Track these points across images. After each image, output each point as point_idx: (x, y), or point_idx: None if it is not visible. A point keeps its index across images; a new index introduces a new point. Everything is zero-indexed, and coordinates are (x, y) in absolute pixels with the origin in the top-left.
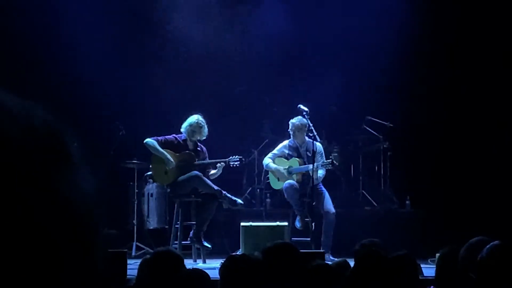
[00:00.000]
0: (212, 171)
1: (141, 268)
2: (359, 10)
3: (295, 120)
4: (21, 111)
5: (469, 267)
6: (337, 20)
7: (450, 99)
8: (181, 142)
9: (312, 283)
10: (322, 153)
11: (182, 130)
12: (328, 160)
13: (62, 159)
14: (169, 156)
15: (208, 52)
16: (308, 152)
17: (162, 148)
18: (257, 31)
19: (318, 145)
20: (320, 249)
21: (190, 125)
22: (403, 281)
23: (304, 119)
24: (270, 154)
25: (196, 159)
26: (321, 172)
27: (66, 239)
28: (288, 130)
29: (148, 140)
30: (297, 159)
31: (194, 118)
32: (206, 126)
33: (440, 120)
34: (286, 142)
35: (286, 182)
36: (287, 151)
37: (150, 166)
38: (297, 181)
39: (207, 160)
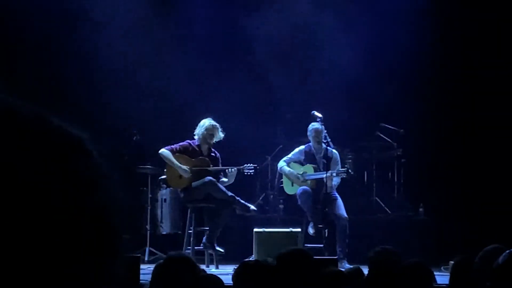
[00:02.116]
0: (224, 179)
1: (155, 273)
2: (372, 16)
3: (313, 125)
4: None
5: (484, 275)
6: (351, 27)
7: (464, 106)
8: (196, 148)
9: None
10: (338, 161)
11: (195, 135)
12: (343, 169)
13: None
14: (183, 167)
15: (225, 56)
16: (324, 159)
17: (177, 153)
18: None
19: (335, 152)
20: (333, 256)
21: (206, 129)
22: None
23: (315, 126)
24: (285, 158)
25: (211, 165)
26: (336, 180)
27: (90, 240)
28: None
29: (163, 151)
30: (312, 165)
31: (207, 121)
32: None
33: (454, 127)
34: (302, 147)
35: (300, 188)
36: (302, 157)
37: (165, 170)
38: (311, 188)
39: (221, 166)
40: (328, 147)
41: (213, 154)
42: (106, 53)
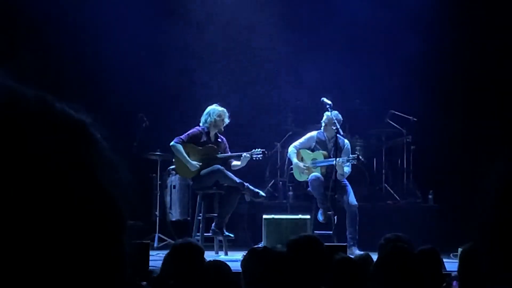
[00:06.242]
0: (235, 162)
1: (165, 259)
2: (384, 3)
3: (329, 113)
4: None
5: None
6: (363, 13)
7: (474, 93)
8: (204, 134)
9: (336, 276)
10: (349, 150)
11: (202, 122)
12: (354, 155)
13: (88, 142)
14: (193, 163)
15: (234, 44)
16: (335, 147)
17: (187, 143)
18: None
19: (347, 142)
20: (342, 243)
21: (219, 115)
22: (427, 276)
23: (339, 115)
24: (296, 143)
25: (219, 152)
26: (347, 169)
27: (96, 226)
28: (321, 121)
29: (174, 144)
30: (322, 151)
31: (217, 107)
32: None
33: (463, 114)
34: (314, 133)
35: (312, 174)
36: (313, 143)
37: (173, 160)
38: (321, 174)
39: (229, 153)
40: (339, 134)
41: (219, 139)
42: (114, 37)
